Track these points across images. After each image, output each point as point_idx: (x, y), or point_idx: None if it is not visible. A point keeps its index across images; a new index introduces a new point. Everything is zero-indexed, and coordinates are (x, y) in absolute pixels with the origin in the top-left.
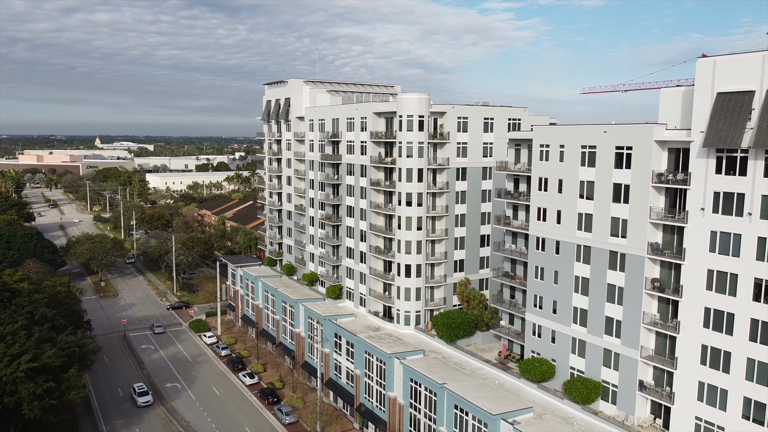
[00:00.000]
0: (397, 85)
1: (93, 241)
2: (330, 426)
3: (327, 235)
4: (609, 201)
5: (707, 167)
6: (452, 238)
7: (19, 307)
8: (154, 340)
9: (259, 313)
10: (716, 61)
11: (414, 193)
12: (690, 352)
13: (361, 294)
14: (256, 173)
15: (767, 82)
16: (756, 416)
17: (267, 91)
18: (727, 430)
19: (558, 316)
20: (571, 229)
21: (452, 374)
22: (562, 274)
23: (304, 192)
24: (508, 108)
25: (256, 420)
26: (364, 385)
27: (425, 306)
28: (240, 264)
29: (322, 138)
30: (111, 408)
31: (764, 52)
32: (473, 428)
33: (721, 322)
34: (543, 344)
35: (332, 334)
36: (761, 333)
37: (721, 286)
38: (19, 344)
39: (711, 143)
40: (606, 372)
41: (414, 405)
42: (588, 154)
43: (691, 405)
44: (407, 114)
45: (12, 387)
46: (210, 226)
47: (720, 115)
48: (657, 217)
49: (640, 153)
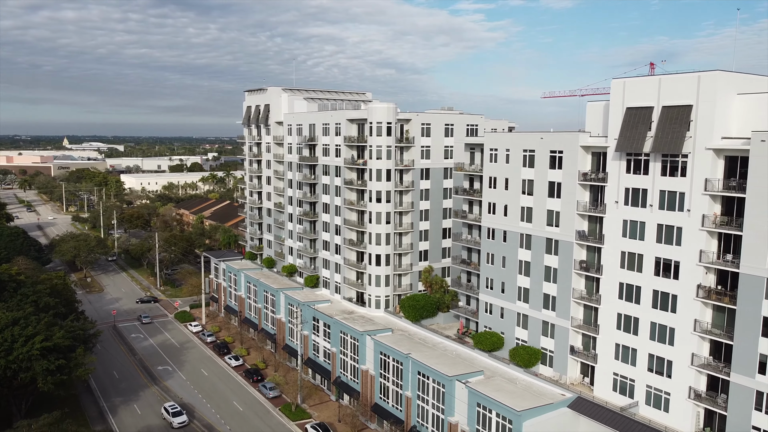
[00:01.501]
0: (368, 92)
1: (77, 239)
2: (309, 398)
3: (305, 230)
4: (545, 196)
5: (620, 168)
6: (417, 230)
7: (24, 297)
8: (143, 330)
9: (241, 302)
10: (625, 81)
11: (383, 191)
12: (609, 319)
13: (336, 282)
14: (230, 174)
15: (662, 100)
16: (657, 368)
17: (247, 97)
18: (637, 381)
19: (506, 295)
20: (515, 220)
21: (416, 347)
22: (509, 259)
23: (283, 191)
24: (467, 115)
25: (243, 395)
26: (340, 361)
27: (394, 291)
28: (222, 258)
29: (299, 141)
30: (109, 388)
31: (660, 76)
32: (433, 390)
33: (631, 293)
34: (493, 320)
35: (311, 317)
36: (660, 301)
37: (630, 264)
38: (32, 327)
39: (622, 148)
40: (544, 340)
41: (383, 375)
42: (528, 157)
43: (610, 363)
44: (377, 121)
45: (27, 364)
46: (188, 225)
47: (628, 125)
48: (583, 210)
49: (569, 156)
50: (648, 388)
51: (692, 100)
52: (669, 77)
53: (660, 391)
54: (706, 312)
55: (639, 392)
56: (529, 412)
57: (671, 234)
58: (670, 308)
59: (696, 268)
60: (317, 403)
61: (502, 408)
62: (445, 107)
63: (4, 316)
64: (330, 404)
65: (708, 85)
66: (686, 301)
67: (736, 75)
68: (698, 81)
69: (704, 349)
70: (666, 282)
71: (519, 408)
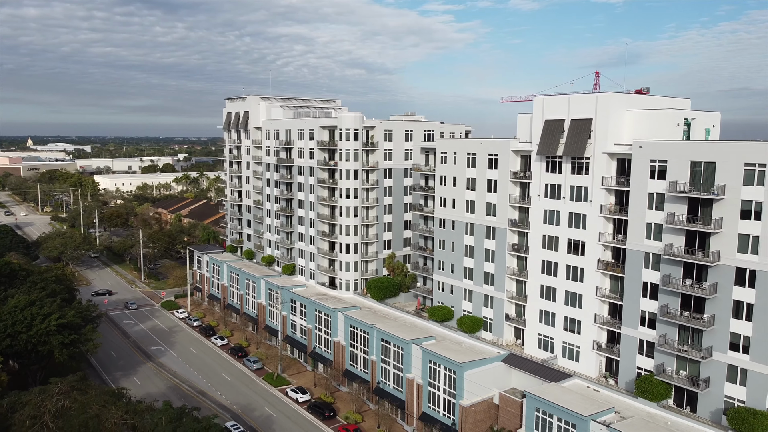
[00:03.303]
0: (338, 100)
1: (64, 236)
2: (288, 369)
3: (282, 224)
4: (485, 191)
5: (541, 168)
6: (382, 223)
7: (33, 284)
8: (133, 317)
9: (224, 290)
10: (545, 99)
11: (352, 189)
12: (534, 291)
13: (311, 269)
14: (204, 174)
15: (571, 114)
16: (570, 328)
17: (227, 104)
18: (555, 339)
19: (455, 275)
20: (462, 212)
21: (380, 320)
22: (457, 244)
23: (262, 189)
24: (425, 122)
25: (230, 368)
26: (315, 335)
27: (362, 276)
28: (205, 252)
29: (277, 145)
30: (109, 365)
31: (569, 96)
32: (394, 353)
33: (550, 269)
34: (445, 296)
35: (289, 300)
36: (571, 274)
37: (550, 245)
38: (47, 307)
39: (542, 152)
40: (485, 310)
41: (352, 344)
42: (471, 159)
43: (536, 326)
44: (346, 127)
45: (45, 338)
46: (167, 223)
47: (547, 134)
48: (513, 202)
49: (502, 158)
50: (564, 344)
51: (592, 114)
52: (576, 96)
53: (573, 346)
54: (605, 280)
55: (557, 347)
56: (470, 364)
57: (579, 220)
58: (579, 279)
59: (597, 246)
60: (295, 372)
61: (448, 362)
62: (408, 113)
63: (23, 298)
64: (307, 373)
65: (603, 104)
66: (590, 273)
67: (627, 95)
68: (596, 100)
69: (604, 310)
70: (575, 258)
71: (461, 361)
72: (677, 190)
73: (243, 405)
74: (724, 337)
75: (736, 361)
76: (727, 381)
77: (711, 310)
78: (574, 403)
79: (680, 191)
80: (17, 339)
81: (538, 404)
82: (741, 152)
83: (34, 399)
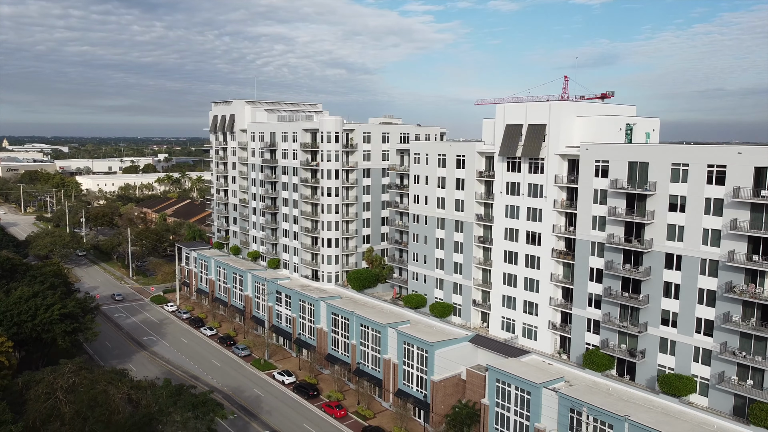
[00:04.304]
0: (319, 103)
1: (53, 235)
2: (274, 356)
3: (267, 221)
4: (454, 189)
5: (503, 167)
6: (361, 219)
7: (33, 278)
8: (125, 310)
9: (212, 284)
10: (506, 106)
11: (333, 187)
12: (497, 278)
13: (295, 263)
14: (186, 175)
15: (528, 120)
16: (529, 310)
17: (214, 107)
18: (516, 320)
19: (427, 265)
20: (433, 208)
21: (360, 308)
22: (429, 237)
23: (247, 188)
24: (401, 125)
25: (219, 356)
26: (299, 324)
27: (342, 268)
28: (193, 248)
29: (262, 146)
30: (105, 354)
31: (526, 104)
32: (372, 336)
33: (512, 258)
34: (419, 285)
35: (274, 291)
36: (530, 262)
37: (511, 237)
38: (50, 298)
39: (503, 154)
40: (455, 297)
41: (334, 330)
42: (441, 160)
43: (499, 310)
44: (327, 130)
45: (49, 327)
46: (152, 222)
47: (507, 137)
48: (479, 198)
49: (469, 159)
50: (523, 325)
51: (546, 120)
52: (532, 104)
53: (531, 326)
54: (558, 267)
55: (518, 328)
56: (440, 344)
57: (536, 214)
58: (536, 267)
59: (551, 237)
60: (281, 358)
61: (420, 342)
62: (386, 115)
63: (26, 290)
64: (291, 359)
65: (555, 111)
66: (546, 261)
67: (577, 103)
68: (549, 107)
69: (558, 294)
70: (533, 248)
71: (432, 341)
72: (617, 187)
73: (233, 387)
74: (657, 313)
75: (666, 334)
76: (660, 352)
77: (646, 290)
78: (530, 374)
79: (620, 188)
80: (23, 327)
81: (499, 375)
82: (668, 154)
83: (47, 377)
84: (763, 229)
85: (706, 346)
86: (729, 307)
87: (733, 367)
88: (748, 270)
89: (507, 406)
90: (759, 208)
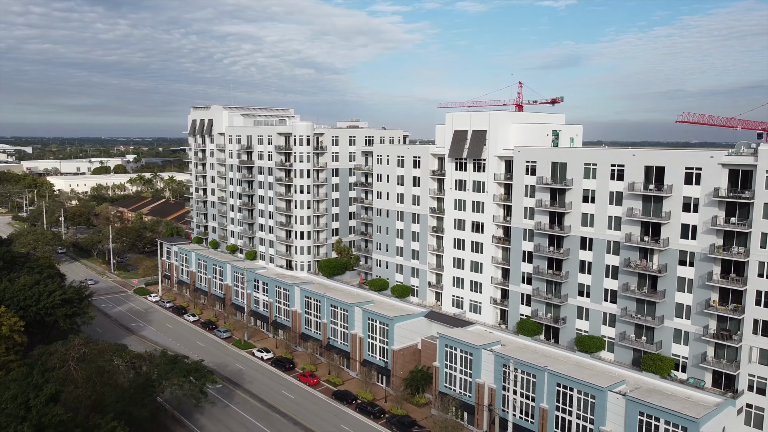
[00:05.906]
0: (291, 108)
1: (35, 233)
2: (253, 337)
3: (244, 217)
4: (411, 186)
5: (452, 167)
6: (330, 213)
7: (31, 269)
8: (110, 301)
9: (192, 276)
10: (453, 115)
11: (305, 185)
12: (448, 262)
13: (270, 254)
14: (158, 175)
15: (473, 126)
16: (474, 289)
17: (192, 112)
18: (464, 298)
19: (389, 253)
20: (394, 202)
21: (330, 291)
22: (390, 228)
23: (225, 187)
24: (366, 129)
25: (203, 338)
26: (275, 307)
27: (314, 258)
28: (174, 243)
29: (239, 149)
30: (97, 338)
31: (471, 113)
32: (340, 315)
33: (460, 244)
34: (382, 271)
35: (252, 279)
36: (475, 247)
37: (459, 226)
38: (51, 285)
39: (452, 155)
40: (413, 280)
41: (307, 311)
42: (400, 160)
43: (450, 290)
44: (299, 134)
45: (51, 311)
46: (128, 221)
47: (455, 141)
48: (433, 194)
49: (424, 160)
50: (470, 302)
51: (487, 127)
52: (475, 114)
53: (477, 302)
54: (498, 251)
55: (466, 305)
56: (398, 318)
57: (479, 207)
58: (479, 251)
59: (492, 225)
60: (259, 339)
61: (382, 318)
62: (353, 119)
63: (29, 279)
64: (269, 339)
65: (494, 119)
66: (488, 246)
67: (513, 113)
68: (489, 116)
69: (498, 274)
70: (477, 236)
71: (392, 316)
72: (543, 183)
73: (218, 363)
74: (575, 286)
75: (582, 303)
76: (577, 318)
77: (566, 268)
78: (472, 339)
79: (545, 183)
80: (28, 311)
81: (447, 341)
82: (581, 156)
83: (60, 349)
84: (652, 215)
85: (611, 311)
86: (628, 278)
87: (632, 327)
88: (641, 249)
89: (454, 366)
90: (648, 199)
